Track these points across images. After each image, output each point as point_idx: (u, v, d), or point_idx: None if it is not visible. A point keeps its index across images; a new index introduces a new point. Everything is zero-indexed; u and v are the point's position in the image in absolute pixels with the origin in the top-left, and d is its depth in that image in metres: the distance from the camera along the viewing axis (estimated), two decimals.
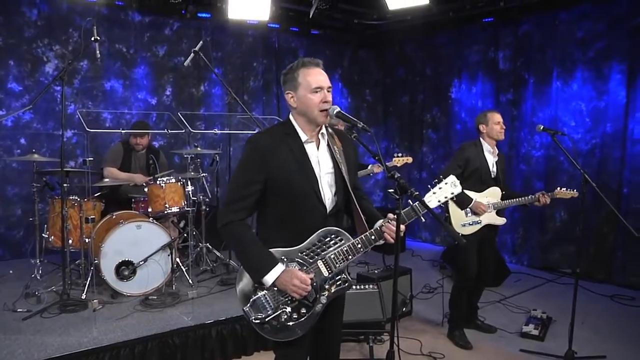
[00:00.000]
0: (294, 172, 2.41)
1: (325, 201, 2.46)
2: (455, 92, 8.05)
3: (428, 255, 7.39)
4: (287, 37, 8.33)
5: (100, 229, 5.03)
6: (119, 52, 6.91)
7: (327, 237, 2.45)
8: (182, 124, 6.22)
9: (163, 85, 7.31)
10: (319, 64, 2.50)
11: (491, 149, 4.50)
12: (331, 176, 2.51)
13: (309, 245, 2.43)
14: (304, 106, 2.45)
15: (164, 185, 5.30)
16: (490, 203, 4.46)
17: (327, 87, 2.47)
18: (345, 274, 2.50)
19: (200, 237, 5.92)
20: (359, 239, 2.46)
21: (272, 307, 2.41)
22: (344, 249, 2.44)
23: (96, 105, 6.75)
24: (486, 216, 4.46)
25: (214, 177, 6.90)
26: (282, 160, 2.40)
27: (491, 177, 4.50)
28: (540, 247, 6.97)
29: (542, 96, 6.87)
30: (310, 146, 2.49)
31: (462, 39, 7.82)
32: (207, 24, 7.44)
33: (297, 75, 2.46)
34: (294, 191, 2.41)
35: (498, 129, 4.44)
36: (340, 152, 2.56)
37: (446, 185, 2.56)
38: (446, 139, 8.23)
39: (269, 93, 8.23)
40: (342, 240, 2.46)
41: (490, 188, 4.50)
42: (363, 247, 2.45)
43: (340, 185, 2.52)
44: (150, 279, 4.95)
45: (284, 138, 2.45)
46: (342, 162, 2.54)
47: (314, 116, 2.44)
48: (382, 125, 9.34)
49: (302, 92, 2.45)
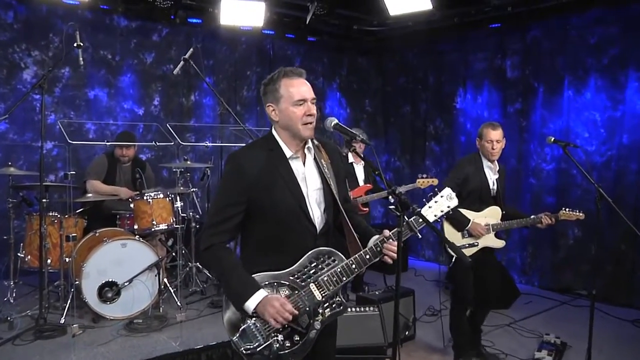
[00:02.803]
0: (279, 191, 2.39)
1: (315, 220, 2.46)
2: (459, 102, 8.04)
3: (432, 275, 7.33)
4: (282, 44, 8.36)
5: (82, 248, 5.02)
6: (104, 59, 6.89)
7: (319, 259, 2.44)
8: (171, 136, 6.22)
9: (151, 95, 7.29)
10: (302, 74, 2.47)
11: (491, 164, 4.40)
12: (319, 193, 2.50)
13: (299, 268, 2.42)
14: (286, 119, 2.43)
15: (151, 201, 5.30)
16: (489, 224, 4.36)
17: (311, 98, 2.44)
18: (339, 297, 2.48)
19: (190, 256, 5.89)
20: (353, 259, 2.44)
21: (263, 336, 2.37)
22: (337, 270, 2.42)
23: (79, 116, 6.71)
24: (484, 238, 4.37)
25: (204, 192, 6.87)
26: (265, 178, 2.39)
27: (491, 195, 4.42)
28: (552, 266, 6.91)
29: (552, 106, 6.85)
30: (296, 162, 2.48)
31: (467, 45, 7.83)
32: (197, 30, 7.46)
33: (278, 87, 2.42)
34: (280, 212, 2.39)
35: (489, 148, 4.30)
36: (328, 166, 2.55)
37: (441, 198, 2.56)
38: (450, 152, 8.22)
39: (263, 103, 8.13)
40: (335, 260, 2.45)
41: (489, 207, 4.42)
42: (358, 268, 2.43)
43: (329, 202, 2.51)
44: (135, 301, 4.95)
45: (267, 154, 2.44)
46: (331, 176, 2.53)
47: (297, 130, 2.42)
48: (383, 137, 9.33)
49: (284, 104, 2.42)
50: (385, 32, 8.13)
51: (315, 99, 2.47)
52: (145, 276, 4.99)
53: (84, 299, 4.75)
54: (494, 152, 4.30)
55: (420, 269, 7.66)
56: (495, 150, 4.29)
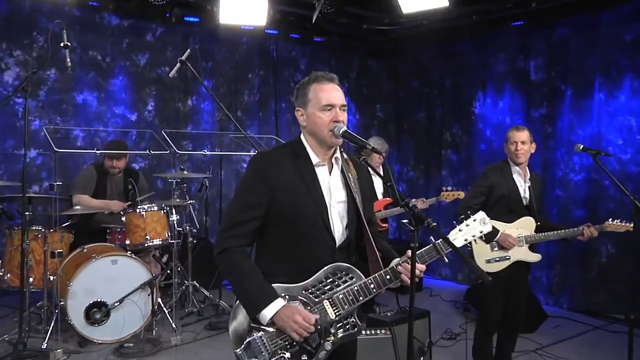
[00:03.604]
0: (301, 197, 2.45)
1: (335, 233, 2.50)
2: (479, 106, 8.00)
3: (449, 295, 7.29)
4: (286, 45, 8.36)
5: (69, 265, 5.00)
6: (93, 60, 6.88)
7: (335, 274, 2.46)
8: (166, 144, 6.23)
9: (144, 99, 7.29)
10: (333, 79, 2.55)
11: (520, 170, 4.39)
12: (343, 206, 2.56)
13: (314, 283, 2.45)
14: (312, 125, 2.51)
15: (145, 214, 5.31)
16: (521, 236, 4.32)
17: (340, 104, 2.51)
18: (354, 318, 2.49)
19: (186, 273, 5.88)
20: (372, 279, 2.47)
21: (269, 352, 2.38)
22: (354, 288, 2.44)
23: (66, 121, 6.69)
24: (516, 251, 4.32)
25: (202, 204, 6.90)
26: (288, 182, 2.45)
27: (523, 204, 4.38)
28: (583, 286, 6.79)
29: (581, 110, 6.78)
30: (322, 170, 2.54)
31: (487, 45, 7.79)
32: (195, 29, 7.46)
33: (307, 91, 2.53)
34: (300, 218, 2.44)
35: (513, 149, 4.32)
36: (355, 181, 2.61)
37: (474, 222, 2.57)
38: (469, 161, 8.17)
39: (266, 109, 8.23)
40: (353, 278, 2.47)
41: (521, 218, 4.37)
42: (376, 288, 2.46)
43: (352, 218, 2.57)
44: (126, 323, 4.93)
45: (292, 159, 2.51)
46: (357, 191, 2.58)
47: (323, 136, 2.49)
48: (395, 146, 9.26)
49: (311, 109, 2.51)
50: (398, 31, 8.11)
51: (345, 105, 2.53)
52: (138, 296, 4.98)
53: (69, 321, 4.71)
54: (519, 154, 4.29)
55: (436, 289, 7.60)
56: (519, 152, 4.29)
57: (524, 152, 4.31)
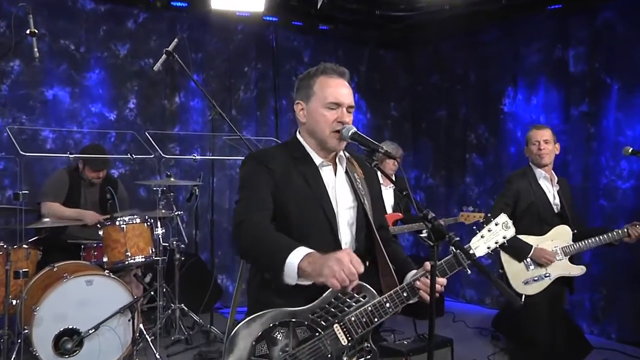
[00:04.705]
0: (306, 203, 2.47)
1: (343, 245, 2.52)
2: (508, 103, 7.94)
3: (474, 321, 7.26)
4: (287, 34, 8.38)
5: (35, 287, 4.97)
6: (65, 50, 6.83)
7: (346, 293, 2.44)
8: (150, 147, 6.12)
9: (125, 96, 7.27)
10: (344, 74, 2.59)
11: (546, 174, 4.51)
12: (352, 212, 2.58)
13: (322, 304, 2.43)
14: (313, 122, 2.55)
15: (125, 227, 5.35)
16: (558, 248, 4.39)
17: (348, 105, 2.54)
18: (369, 342, 2.50)
19: (173, 295, 5.91)
20: (387, 296, 2.46)
21: None
22: (368, 309, 2.44)
23: (33, 121, 6.65)
24: (556, 266, 4.36)
25: (191, 216, 6.97)
26: (294, 187, 2.49)
27: (554, 212, 4.48)
28: (635, 313, 6.64)
29: (630, 108, 6.67)
30: (326, 171, 2.58)
31: (518, 33, 7.74)
32: (183, 15, 7.47)
33: (312, 83, 2.56)
34: (306, 229, 2.46)
35: (534, 150, 4.47)
36: (362, 182, 2.64)
37: (496, 226, 2.61)
38: (496, 166, 8.11)
39: (265, 107, 8.23)
40: (365, 297, 2.47)
41: (555, 228, 4.45)
42: (392, 307, 2.46)
43: (362, 224, 2.59)
44: (102, 353, 4.91)
45: (293, 162, 2.55)
46: (365, 194, 2.61)
47: (323, 137, 2.53)
48: (411, 149, 9.31)
49: (314, 104, 2.54)
50: (416, 18, 8.04)
51: (353, 107, 2.57)
52: (116, 321, 4.96)
53: (34, 352, 4.64)
54: (542, 153, 4.43)
55: (460, 313, 7.58)
56: (543, 152, 4.42)
57: (548, 152, 4.44)
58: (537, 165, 4.50)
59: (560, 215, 4.46)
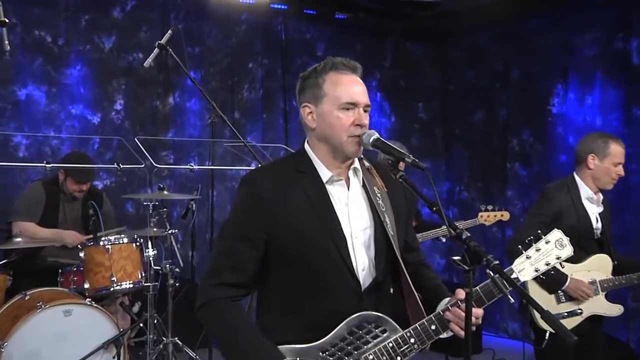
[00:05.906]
0: (310, 229, 2.45)
1: (358, 272, 2.50)
2: (558, 104, 7.81)
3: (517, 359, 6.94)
4: (299, 25, 8.42)
5: (3, 318, 4.90)
6: (41, 42, 6.84)
7: (362, 328, 2.46)
8: (140, 155, 6.07)
9: (111, 96, 7.27)
10: (356, 69, 2.58)
11: (593, 194, 4.40)
12: (368, 233, 2.56)
13: (334, 340, 2.43)
14: (326, 127, 2.52)
15: (111, 248, 5.30)
16: (596, 281, 4.33)
17: (364, 104, 2.52)
18: None
19: (165, 328, 5.78)
20: (411, 330, 2.47)
21: None
22: (388, 345, 2.44)
23: (3, 124, 6.66)
24: (591, 303, 4.31)
25: (187, 235, 7.09)
26: (293, 211, 2.47)
27: (594, 238, 4.43)
28: None
29: None
30: (337, 188, 2.56)
31: (569, 22, 7.62)
32: (178, 3, 7.52)
33: (322, 82, 2.53)
34: (311, 258, 2.45)
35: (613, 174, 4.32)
36: (384, 196, 2.62)
37: (547, 245, 2.57)
38: (543, 177, 7.89)
39: (272, 109, 8.25)
40: (385, 331, 2.47)
41: (593, 256, 4.39)
42: (418, 344, 2.46)
43: (382, 247, 2.56)
44: None
45: (295, 178, 2.53)
46: (387, 210, 2.59)
47: (340, 144, 2.50)
48: (443, 157, 9.33)
49: (326, 106, 2.51)
50: (448, 5, 8.17)
51: (370, 105, 2.56)
52: (99, 358, 4.96)
53: None
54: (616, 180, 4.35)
55: (501, 350, 7.41)
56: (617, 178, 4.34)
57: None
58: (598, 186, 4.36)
59: (599, 242, 4.41)
